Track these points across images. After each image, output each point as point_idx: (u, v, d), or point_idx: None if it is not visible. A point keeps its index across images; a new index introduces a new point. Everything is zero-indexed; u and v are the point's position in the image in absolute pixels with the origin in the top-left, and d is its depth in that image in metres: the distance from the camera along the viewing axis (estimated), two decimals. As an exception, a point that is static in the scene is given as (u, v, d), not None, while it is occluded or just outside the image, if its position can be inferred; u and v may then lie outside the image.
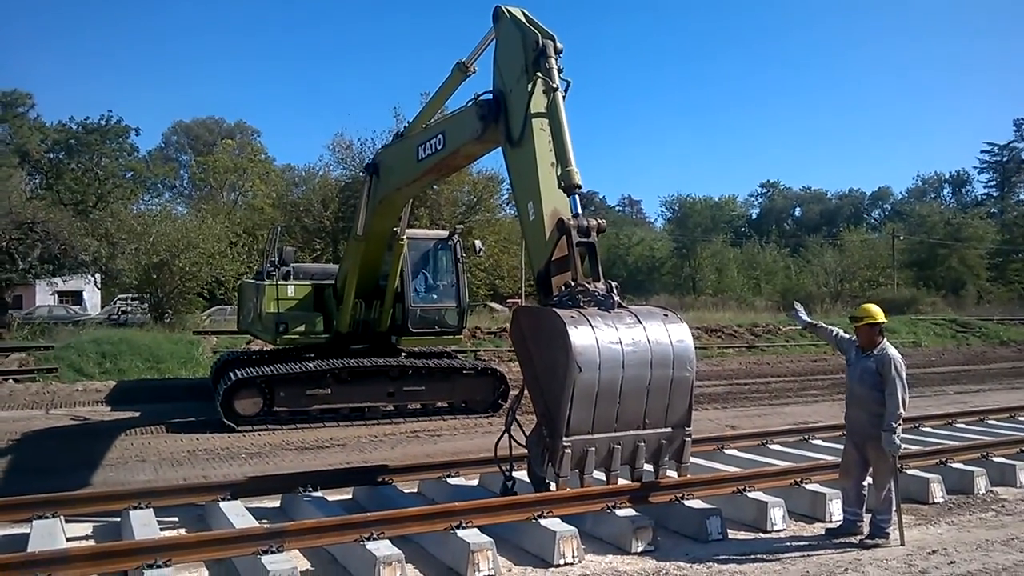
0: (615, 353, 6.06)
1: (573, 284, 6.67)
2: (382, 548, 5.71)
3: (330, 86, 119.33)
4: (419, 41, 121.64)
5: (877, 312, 6.70)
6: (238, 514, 6.62)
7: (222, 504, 6.92)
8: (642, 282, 53.49)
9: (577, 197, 7.00)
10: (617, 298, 6.62)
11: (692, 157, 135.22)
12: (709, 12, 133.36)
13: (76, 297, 41.76)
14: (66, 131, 46.06)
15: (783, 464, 8.47)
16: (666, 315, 6.63)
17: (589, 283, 6.70)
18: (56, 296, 39.29)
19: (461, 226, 13.92)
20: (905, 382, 6.41)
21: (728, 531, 6.75)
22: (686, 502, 6.97)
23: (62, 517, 6.60)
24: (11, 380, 16.11)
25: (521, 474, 7.57)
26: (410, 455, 10.46)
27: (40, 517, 6.44)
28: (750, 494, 7.30)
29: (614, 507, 6.74)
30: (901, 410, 6.30)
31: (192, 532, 6.50)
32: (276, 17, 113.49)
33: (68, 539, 6.48)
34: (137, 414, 13.61)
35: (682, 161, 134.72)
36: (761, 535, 6.82)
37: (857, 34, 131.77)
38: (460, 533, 6.06)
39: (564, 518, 6.48)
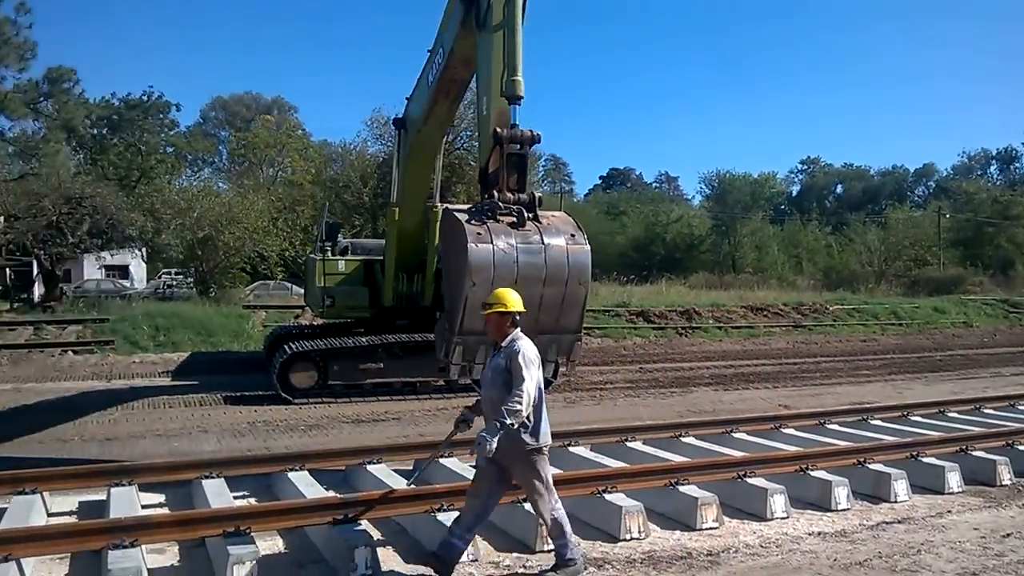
0: (509, 272, 6.41)
1: (495, 196, 6.89)
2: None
3: (368, 60, 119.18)
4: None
5: (511, 299, 5.43)
6: (307, 484, 6.75)
7: (290, 475, 7.06)
8: (680, 259, 52.94)
9: (517, 107, 7.23)
10: (537, 211, 6.87)
11: (731, 133, 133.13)
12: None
13: (122, 271, 42.41)
14: (109, 107, 46.50)
15: (844, 444, 8.40)
16: (572, 236, 6.80)
17: (514, 193, 6.96)
18: (103, 270, 39.89)
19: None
20: (535, 374, 5.13)
21: (792, 510, 6.75)
22: (749, 480, 6.98)
23: (136, 485, 6.77)
24: (70, 352, 16.50)
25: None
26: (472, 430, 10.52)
27: (117, 484, 6.61)
28: (813, 473, 7.28)
29: (676, 483, 6.79)
30: (520, 406, 4.95)
31: (263, 502, 6.64)
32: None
33: (143, 506, 6.68)
34: (196, 383, 13.97)
35: (720, 137, 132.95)
36: (826, 514, 6.80)
37: (898, 8, 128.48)
38: (527, 507, 6.13)
39: (629, 494, 6.55)
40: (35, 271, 31.78)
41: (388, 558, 5.63)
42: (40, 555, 5.28)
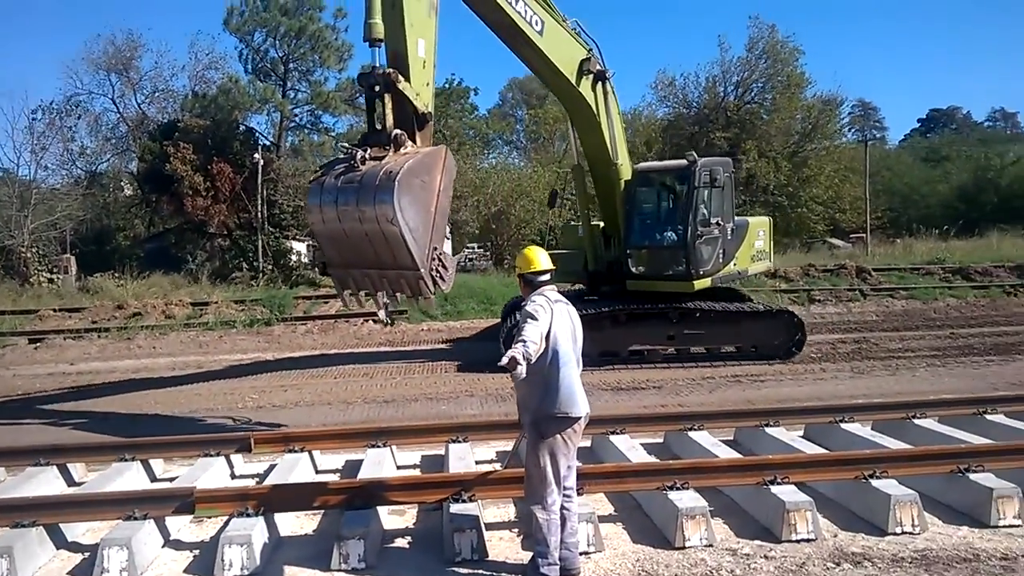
0: (332, 209, 7.14)
1: (349, 145, 7.62)
2: (685, 499, 5.33)
3: (647, 26, 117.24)
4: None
5: (523, 260, 4.93)
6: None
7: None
8: (1018, 209, 45.14)
9: (378, 50, 7.49)
10: (396, 148, 7.21)
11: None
12: None
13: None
14: (417, 97, 50.92)
15: None
16: (389, 173, 6.81)
17: (382, 132, 7.37)
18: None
19: (694, 153, 12.25)
20: (538, 327, 4.43)
21: None
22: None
23: (393, 447, 7.12)
24: (370, 321, 17.69)
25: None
26: (729, 400, 9.84)
27: (373, 446, 6.99)
28: None
29: (967, 470, 5.65)
30: (522, 346, 4.27)
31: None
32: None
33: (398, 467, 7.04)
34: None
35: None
36: None
37: None
38: (774, 489, 5.47)
39: (902, 480, 5.56)
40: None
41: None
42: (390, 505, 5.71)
